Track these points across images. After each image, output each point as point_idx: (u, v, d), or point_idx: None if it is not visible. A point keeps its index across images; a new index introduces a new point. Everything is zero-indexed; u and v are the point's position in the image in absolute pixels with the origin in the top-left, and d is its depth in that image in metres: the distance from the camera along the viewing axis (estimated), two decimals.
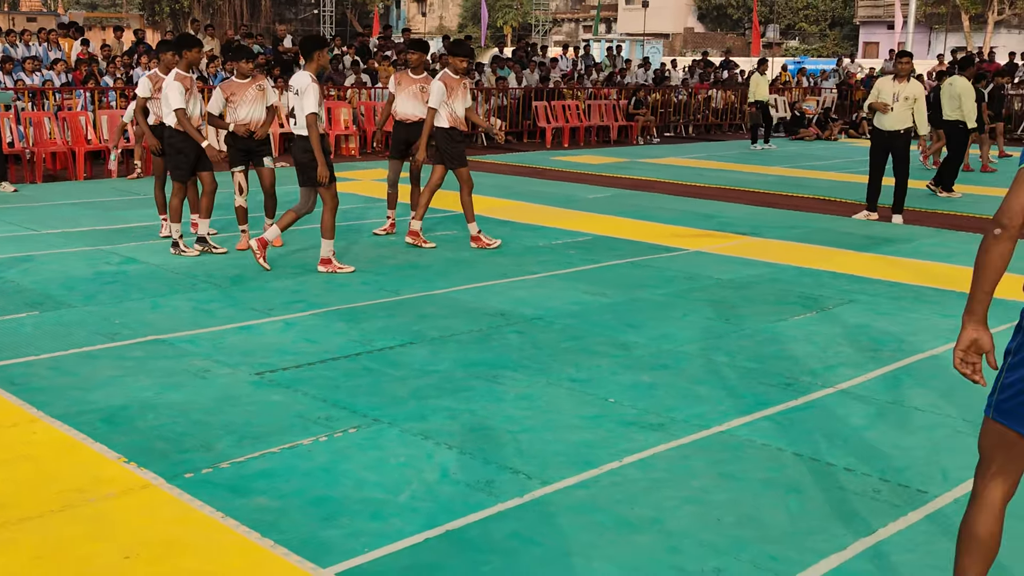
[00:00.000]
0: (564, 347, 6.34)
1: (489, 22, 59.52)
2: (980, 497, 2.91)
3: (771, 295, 7.91)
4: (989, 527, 2.89)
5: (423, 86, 10.03)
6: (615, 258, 9.25)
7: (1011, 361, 2.79)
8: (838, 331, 6.85)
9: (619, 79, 25.20)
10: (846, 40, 62.92)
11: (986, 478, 2.90)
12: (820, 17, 65.41)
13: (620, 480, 4.35)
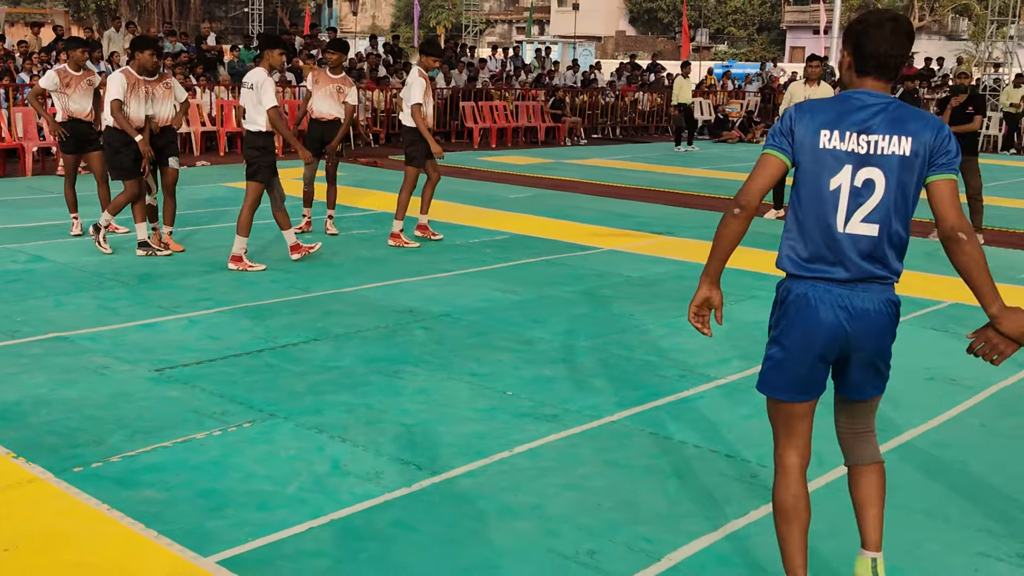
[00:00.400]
0: (468, 343, 6.44)
1: (422, 22, 59.47)
2: (779, 467, 3.15)
3: (676, 292, 8.09)
4: (794, 493, 3.11)
5: (340, 86, 10.07)
6: (529, 256, 9.38)
7: (771, 335, 3.15)
8: (737, 326, 7.05)
9: (547, 81, 25.40)
10: (774, 44, 64.07)
11: (778, 449, 3.16)
12: (748, 22, 66.53)
13: (508, 469, 4.45)
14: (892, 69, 3.01)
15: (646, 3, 67.88)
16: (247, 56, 21.68)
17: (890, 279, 3.03)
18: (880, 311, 3.01)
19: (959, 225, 2.93)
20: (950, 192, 2.96)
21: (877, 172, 2.95)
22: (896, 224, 2.98)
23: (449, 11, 63.44)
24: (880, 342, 3.05)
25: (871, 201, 2.96)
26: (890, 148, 2.95)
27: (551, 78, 25.67)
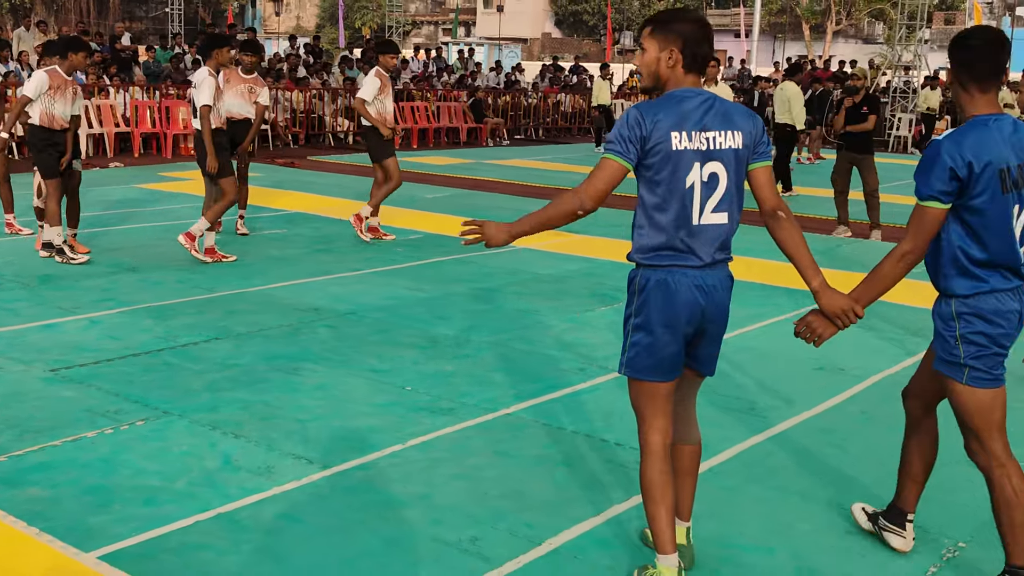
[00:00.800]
0: (371, 340, 6.48)
1: (347, 23, 59.11)
2: (646, 448, 3.31)
3: (584, 288, 8.23)
4: (660, 470, 3.28)
5: (252, 86, 10.04)
6: (441, 255, 9.44)
7: (633, 323, 3.31)
8: None
9: (470, 82, 25.49)
10: None
11: (644, 430, 3.32)
12: None
13: (400, 462, 4.52)
14: (704, 67, 3.29)
15: (571, 6, 68.39)
16: (163, 56, 21.39)
17: (729, 259, 3.32)
18: (724, 287, 3.30)
19: (778, 205, 3.26)
20: (768, 177, 3.28)
21: (719, 166, 3.19)
22: (736, 211, 3.27)
23: (374, 12, 63.16)
24: (725, 314, 3.34)
25: (718, 193, 3.20)
26: (726, 143, 3.19)
27: (473, 79, 25.76)
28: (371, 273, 8.53)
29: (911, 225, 3.29)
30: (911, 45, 27.95)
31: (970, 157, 3.16)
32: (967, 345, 3.31)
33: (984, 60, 3.24)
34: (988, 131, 3.22)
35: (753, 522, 4.04)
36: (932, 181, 3.21)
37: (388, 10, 48.05)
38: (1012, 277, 3.31)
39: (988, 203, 3.20)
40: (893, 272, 3.32)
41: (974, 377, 3.32)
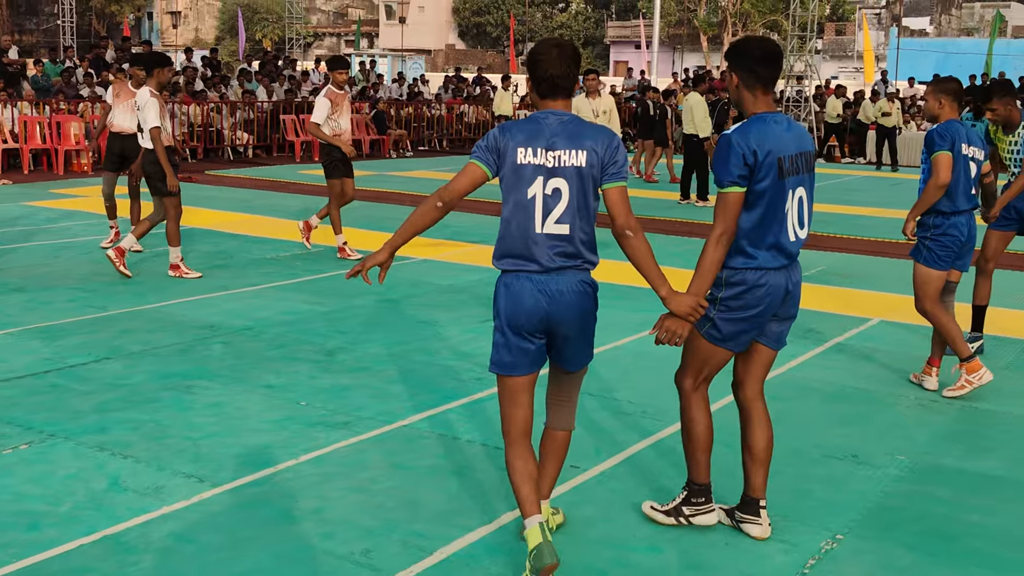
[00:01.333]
0: (267, 356, 6.43)
1: (248, 35, 58.32)
2: (508, 438, 3.64)
3: (482, 298, 8.28)
4: (521, 456, 3.60)
5: None
6: (342, 268, 9.39)
7: (494, 323, 3.56)
8: None
9: (372, 94, 25.40)
10: (599, 59, 65.92)
11: (505, 422, 3.65)
12: (574, 36, 68.18)
13: (293, 477, 4.50)
14: (565, 89, 3.52)
15: (474, 18, 68.69)
16: (53, 70, 20.84)
17: (583, 266, 3.53)
18: (574, 291, 3.51)
19: (628, 224, 3.48)
20: (617, 197, 3.49)
21: (562, 181, 3.46)
22: (581, 223, 3.49)
23: (275, 24, 62.44)
24: (578, 318, 3.54)
25: (560, 206, 3.46)
26: (570, 161, 3.46)
27: (375, 91, 25.67)
28: (270, 288, 8.46)
29: (718, 211, 3.71)
30: (804, 56, 28.76)
31: (755, 146, 3.66)
32: (720, 306, 3.81)
33: (767, 67, 3.76)
34: (767, 125, 3.73)
35: (642, 523, 4.13)
36: (730, 168, 3.66)
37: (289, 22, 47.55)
38: (779, 256, 3.77)
39: (768, 187, 3.69)
40: (715, 256, 3.68)
41: (709, 333, 3.86)
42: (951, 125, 5.84)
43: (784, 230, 3.76)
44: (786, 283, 3.82)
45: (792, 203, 3.76)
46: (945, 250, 5.88)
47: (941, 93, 5.95)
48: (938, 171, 5.72)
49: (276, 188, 16.07)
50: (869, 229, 12.93)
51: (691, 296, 3.60)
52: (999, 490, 4.60)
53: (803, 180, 3.82)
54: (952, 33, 64.51)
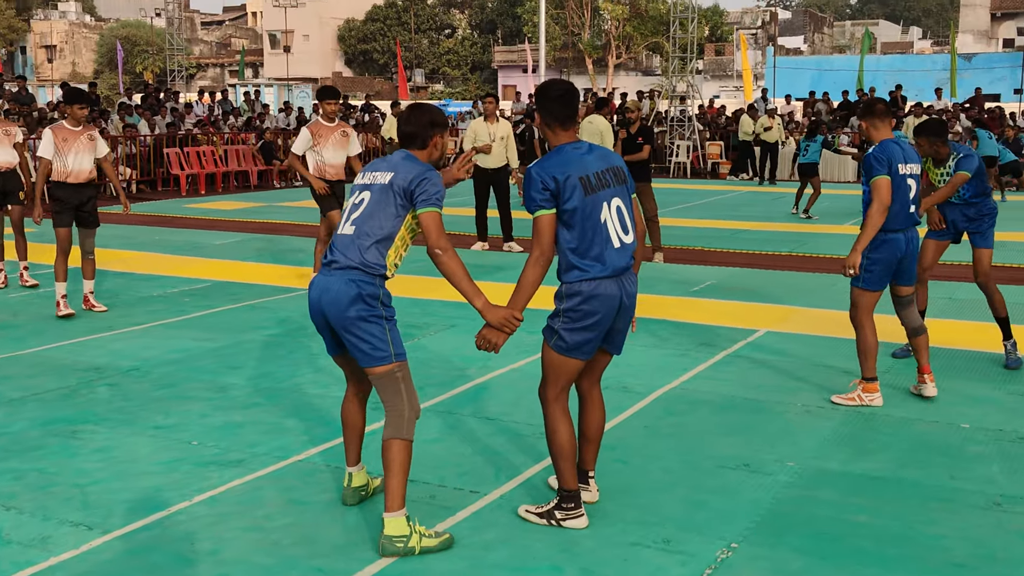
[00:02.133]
0: (156, 396, 6.27)
1: (127, 67, 56.99)
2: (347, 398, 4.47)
3: None
4: (347, 408, 4.47)
5: (7, 128, 9.72)
6: (231, 303, 9.23)
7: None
8: (433, 355, 7.29)
9: (258, 124, 25.07)
10: (487, 83, 66.39)
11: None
12: (462, 62, 68.62)
13: (186, 519, 4.39)
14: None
15: (360, 45, 68.51)
16: None
17: (355, 266, 4.02)
18: (337, 287, 4.00)
19: (437, 244, 4.01)
20: (429, 223, 4.03)
21: (367, 194, 4.12)
22: (369, 229, 4.05)
23: (155, 56, 61.17)
24: (343, 313, 3.99)
25: (356, 212, 4.10)
26: (378, 180, 4.11)
27: (261, 121, 25.35)
28: (157, 326, 8.25)
29: (534, 235, 4.09)
30: (685, 76, 29.50)
31: (555, 173, 4.04)
32: (563, 319, 4.13)
33: (562, 107, 4.18)
34: (566, 153, 4.13)
35: (541, 543, 4.16)
36: (533, 195, 4.07)
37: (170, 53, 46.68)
38: (608, 265, 4.09)
39: (578, 205, 4.04)
40: (532, 275, 4.06)
41: (557, 345, 4.17)
42: (887, 146, 5.93)
43: (607, 240, 4.10)
44: (620, 294, 4.15)
45: (610, 213, 4.12)
46: (882, 268, 5.94)
47: (874, 116, 6.04)
48: (880, 195, 5.80)
49: (161, 223, 15.70)
50: (754, 243, 13.32)
51: (505, 309, 4.00)
52: (883, 490, 4.78)
53: (616, 191, 4.17)
54: (825, 51, 67.10)
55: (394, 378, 4.05)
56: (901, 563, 4.01)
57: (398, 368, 4.05)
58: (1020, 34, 56.29)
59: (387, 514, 4.00)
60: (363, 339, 4.01)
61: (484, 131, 12.13)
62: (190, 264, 11.51)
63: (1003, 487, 4.81)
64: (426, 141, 4.20)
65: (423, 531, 4.05)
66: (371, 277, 4.03)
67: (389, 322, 4.07)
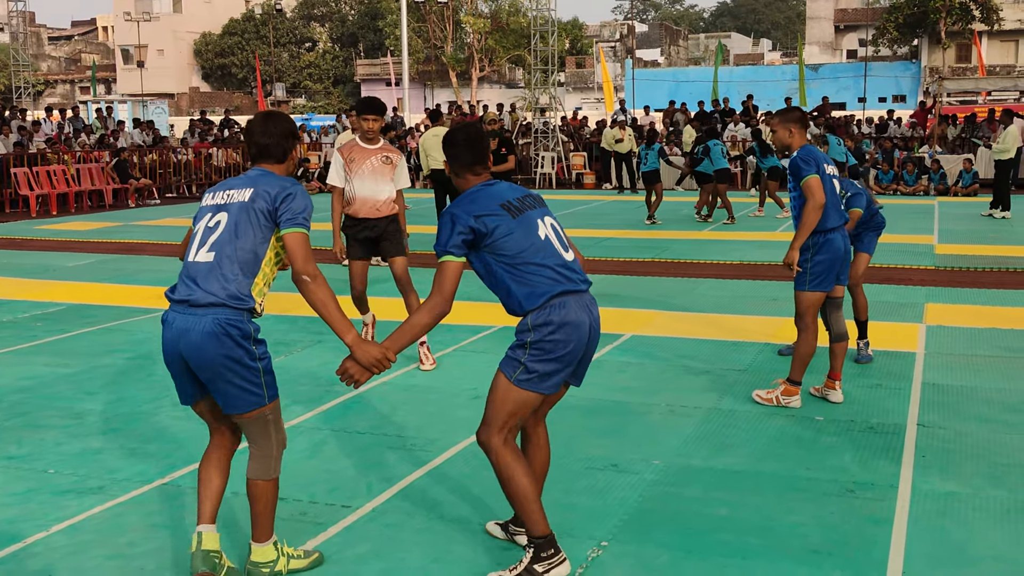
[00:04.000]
0: (7, 425, 5.99)
1: None
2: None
3: None
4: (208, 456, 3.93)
5: None
6: (86, 326, 8.89)
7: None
8: (301, 372, 7.19)
9: (111, 141, 24.23)
10: (350, 96, 65.90)
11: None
12: (323, 75, 67.92)
13: (43, 550, 4.22)
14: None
15: (218, 59, 67.05)
16: None
17: (223, 305, 3.61)
18: (204, 332, 3.59)
19: (304, 270, 3.62)
20: (294, 244, 3.65)
21: (224, 215, 3.73)
22: (226, 251, 3.67)
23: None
24: (206, 358, 3.59)
25: (213, 236, 3.70)
26: (236, 198, 3.74)
27: (115, 138, 24.51)
28: (7, 353, 7.88)
29: (436, 281, 3.75)
30: (548, 89, 29.93)
31: (474, 211, 3.77)
32: (532, 351, 3.75)
33: (469, 152, 3.94)
34: (480, 194, 3.86)
35: (415, 554, 4.16)
36: (450, 237, 3.75)
37: (15, 69, 44.72)
38: (563, 278, 3.79)
39: (511, 227, 3.78)
40: (426, 321, 3.73)
41: (521, 379, 3.76)
42: (810, 149, 6.06)
43: (554, 253, 3.82)
44: (589, 320, 3.83)
45: (546, 230, 3.87)
46: (826, 268, 6.03)
47: (790, 123, 6.13)
48: (813, 194, 5.89)
49: (10, 246, 15.00)
50: (617, 250, 13.61)
51: (379, 348, 3.64)
52: (743, 484, 4.95)
53: (544, 211, 3.96)
54: (681, 63, 69.20)
55: (264, 420, 3.72)
56: (761, 552, 4.17)
57: (270, 411, 3.72)
58: (862, 45, 59.29)
59: (254, 543, 3.85)
60: (233, 384, 3.59)
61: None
62: (42, 287, 11.03)
63: (855, 475, 5.05)
64: (286, 153, 3.87)
65: (291, 552, 3.95)
66: (239, 313, 3.59)
67: (263, 361, 3.66)
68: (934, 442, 5.53)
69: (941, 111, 27.20)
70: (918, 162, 23.14)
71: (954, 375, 6.94)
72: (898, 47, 55.85)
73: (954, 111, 29.68)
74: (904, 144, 25.49)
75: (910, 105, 47.04)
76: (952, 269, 11.67)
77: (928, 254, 12.86)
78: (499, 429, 3.79)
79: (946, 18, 49.55)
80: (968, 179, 21.93)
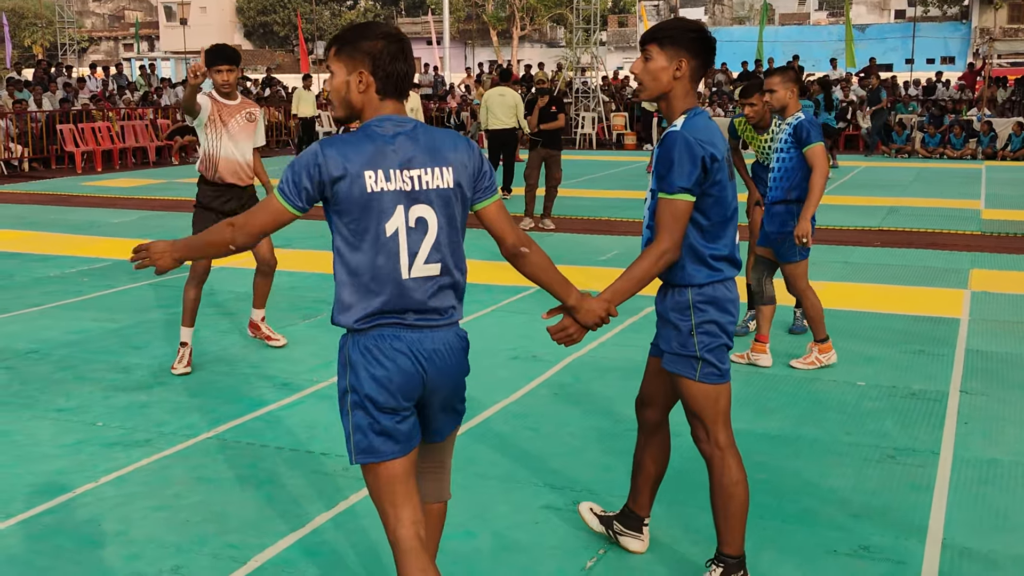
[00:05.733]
0: (57, 378, 6.12)
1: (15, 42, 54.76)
2: (395, 545, 2.80)
3: (285, 302, 8.17)
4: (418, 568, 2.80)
5: None
6: (132, 282, 9.02)
7: (350, 400, 2.79)
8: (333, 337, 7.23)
9: (155, 98, 24.41)
10: None
11: (389, 524, 2.80)
12: None
13: (92, 500, 4.32)
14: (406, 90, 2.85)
15: (260, 17, 67.09)
16: None
17: (452, 318, 2.86)
18: (451, 349, 2.84)
19: (521, 240, 2.95)
20: (498, 213, 2.93)
21: (427, 209, 2.78)
22: (455, 261, 2.85)
23: (45, 29, 58.93)
24: (454, 381, 2.87)
25: (428, 241, 2.78)
26: (434, 183, 2.78)
27: (159, 96, 24.68)
28: (55, 307, 8.03)
29: (667, 222, 3.29)
30: (589, 48, 29.65)
31: (705, 143, 3.26)
32: (698, 338, 3.38)
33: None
34: (698, 120, 3.34)
35: (455, 510, 4.19)
36: (693, 172, 3.24)
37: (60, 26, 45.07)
38: (732, 265, 3.45)
39: (724, 181, 3.35)
40: (651, 269, 3.32)
41: (706, 373, 3.39)
42: (811, 116, 5.97)
43: (732, 224, 3.44)
44: (735, 297, 3.51)
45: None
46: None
47: (791, 83, 6.01)
48: (822, 163, 5.84)
49: (57, 202, 15.21)
50: None
51: (602, 304, 3.22)
52: (783, 448, 4.95)
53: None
54: (725, 22, 68.15)
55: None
56: (799, 517, 4.17)
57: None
58: (910, 4, 58.00)
59: None
60: (463, 400, 3.00)
61: None
62: (88, 243, 11.19)
63: (896, 440, 5.03)
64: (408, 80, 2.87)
65: None
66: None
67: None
68: (976, 409, 5.48)
69: (991, 73, 26.64)
70: (966, 125, 22.71)
71: (998, 342, 6.86)
72: (948, 6, 54.62)
73: (1005, 73, 29.04)
74: (952, 107, 25.00)
75: (959, 67, 46.05)
76: (999, 235, 11.49)
77: (974, 219, 12.66)
78: (718, 429, 3.45)
79: None
80: (1018, 143, 21.49)
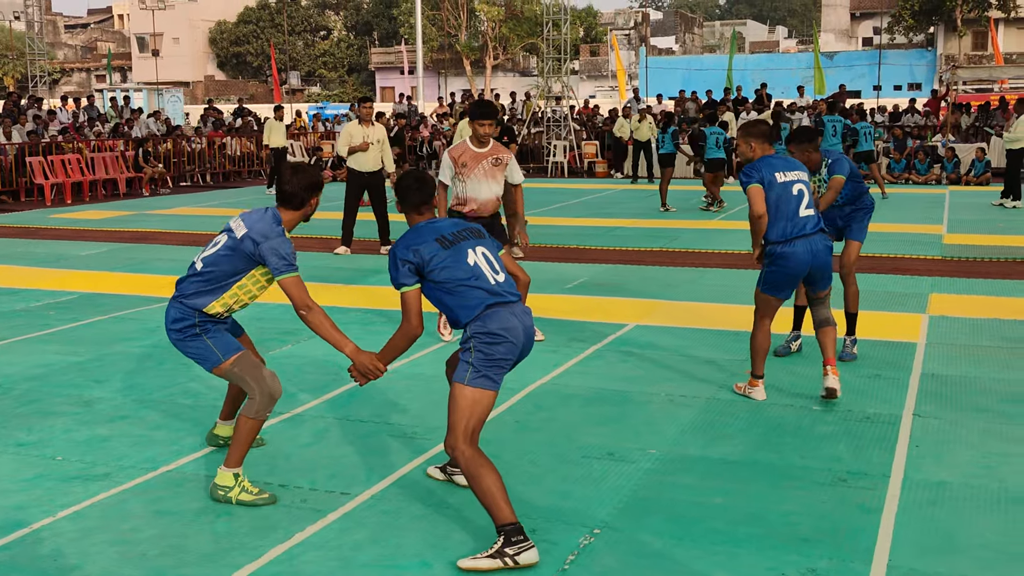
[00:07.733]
0: (18, 412, 6.11)
1: None
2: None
3: (254, 333, 8.16)
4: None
5: None
6: (98, 315, 9.01)
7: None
8: (307, 360, 7.28)
9: (126, 130, 24.39)
10: (364, 85, 65.98)
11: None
12: (338, 64, 67.99)
13: (49, 536, 4.33)
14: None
15: (233, 48, 67.22)
16: None
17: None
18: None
19: (303, 305, 4.56)
20: (293, 287, 4.58)
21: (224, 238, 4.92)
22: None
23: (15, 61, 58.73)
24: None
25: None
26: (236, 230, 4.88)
27: (130, 127, 24.66)
28: (18, 341, 8.01)
29: (403, 311, 4.27)
30: (561, 77, 29.88)
31: (413, 246, 4.25)
32: (475, 353, 4.19)
33: (417, 194, 4.46)
34: (421, 228, 4.36)
35: (412, 540, 4.25)
36: (398, 272, 4.25)
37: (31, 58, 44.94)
38: (491, 295, 4.23)
39: (440, 261, 4.22)
40: (403, 345, 4.32)
41: (472, 379, 4.16)
42: (764, 159, 6.10)
43: (482, 276, 4.24)
44: (521, 324, 4.28)
45: (476, 257, 4.28)
46: (782, 279, 6.10)
47: (751, 137, 6.22)
48: (751, 203, 6.00)
49: (24, 235, 15.17)
50: (626, 240, 13.65)
51: (371, 357, 4.41)
52: (738, 473, 5.02)
53: (479, 243, 4.36)
54: (696, 51, 68.93)
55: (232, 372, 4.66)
56: (751, 541, 4.24)
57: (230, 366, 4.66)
58: (877, 33, 58.92)
59: (221, 467, 4.65)
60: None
61: (359, 134, 12.13)
62: (55, 276, 11.17)
63: (848, 464, 5.11)
64: (303, 202, 4.66)
65: (247, 486, 4.61)
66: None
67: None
68: (929, 432, 5.59)
69: (956, 99, 27.07)
70: (930, 151, 23.05)
71: (954, 365, 6.98)
72: (914, 35, 55.51)
73: (970, 99, 29.53)
74: (918, 133, 25.38)
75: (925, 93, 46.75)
76: (959, 259, 11.68)
77: (936, 244, 12.86)
78: (463, 433, 4.12)
79: (962, 5, 49.20)
80: (980, 168, 21.84)
